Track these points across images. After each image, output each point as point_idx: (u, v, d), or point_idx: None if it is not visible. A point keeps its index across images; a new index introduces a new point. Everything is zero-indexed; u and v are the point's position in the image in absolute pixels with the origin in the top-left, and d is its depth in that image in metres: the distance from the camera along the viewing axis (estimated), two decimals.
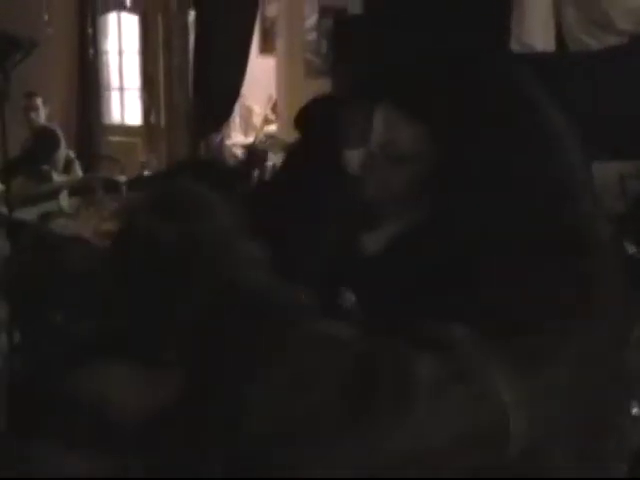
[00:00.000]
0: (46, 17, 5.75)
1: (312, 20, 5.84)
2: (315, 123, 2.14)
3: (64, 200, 4.53)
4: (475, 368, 0.80)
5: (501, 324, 0.83)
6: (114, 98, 7.96)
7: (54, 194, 4.62)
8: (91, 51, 7.57)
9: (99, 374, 3.75)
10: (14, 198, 3.98)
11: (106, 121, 7.91)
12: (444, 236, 0.95)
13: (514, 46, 4.97)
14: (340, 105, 2.18)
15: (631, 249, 3.45)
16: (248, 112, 8.11)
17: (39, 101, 5.68)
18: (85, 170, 6.01)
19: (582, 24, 4.81)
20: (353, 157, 2.04)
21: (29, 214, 4.36)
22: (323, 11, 5.81)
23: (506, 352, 0.82)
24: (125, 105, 7.90)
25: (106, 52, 7.84)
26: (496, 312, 0.84)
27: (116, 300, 0.98)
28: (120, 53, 7.79)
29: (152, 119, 7.44)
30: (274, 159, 5.72)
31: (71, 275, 3.92)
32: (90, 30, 7.56)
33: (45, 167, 5.24)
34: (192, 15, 6.60)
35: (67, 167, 5.69)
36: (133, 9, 7.52)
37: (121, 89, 7.89)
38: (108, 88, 7.93)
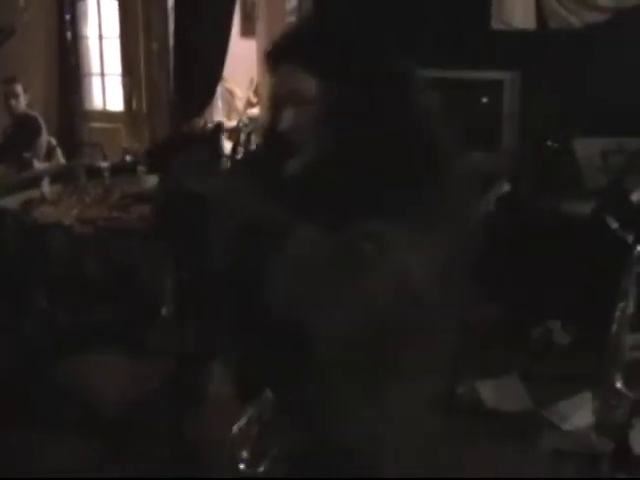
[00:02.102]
0: (22, 3, 5.69)
1: (292, 2, 5.81)
2: None
3: (46, 187, 4.50)
4: (394, 246, 1.28)
5: (394, 219, 1.28)
6: (95, 84, 7.91)
7: (36, 181, 4.59)
8: (69, 35, 7.49)
9: (85, 362, 3.73)
10: None
11: (88, 107, 7.86)
12: (344, 158, 1.36)
13: (495, 25, 4.97)
14: None
15: (613, 224, 3.46)
16: (230, 95, 8.07)
17: (19, 88, 5.62)
18: (67, 157, 5.97)
19: (563, 1, 4.80)
20: None
21: (11, 202, 4.33)
22: None
23: (409, 239, 1.29)
24: (106, 91, 7.85)
25: (86, 37, 7.78)
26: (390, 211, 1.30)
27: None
28: (100, 38, 7.73)
29: (134, 104, 7.40)
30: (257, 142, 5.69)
31: (54, 261, 3.91)
32: (69, 15, 7.47)
33: (26, 154, 5.20)
34: None
35: (49, 154, 5.65)
36: None
37: (102, 75, 7.84)
38: (89, 74, 7.87)
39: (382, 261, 1.28)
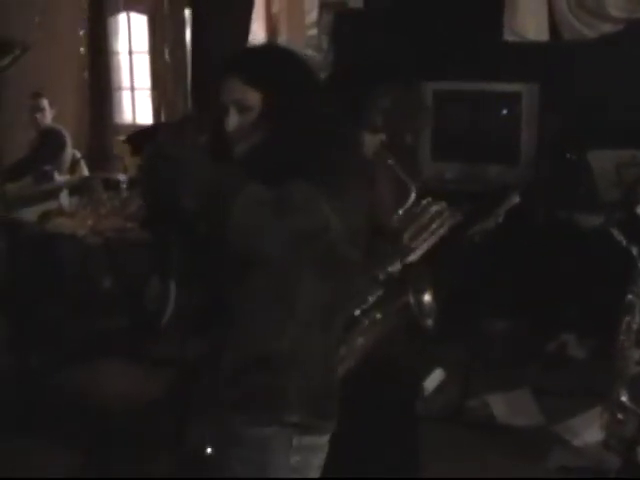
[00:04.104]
0: (37, 19, 5.81)
1: (312, 15, 5.85)
2: None
3: (64, 199, 4.59)
4: (312, 198, 1.63)
5: (318, 179, 1.68)
6: (125, 98, 8.03)
7: (54, 194, 4.68)
8: (99, 50, 7.61)
9: (93, 370, 3.82)
10: (15, 198, 4.04)
11: (118, 121, 7.97)
12: (274, 143, 1.79)
13: (507, 36, 4.95)
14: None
15: (619, 237, 3.42)
16: None
17: (45, 102, 5.72)
18: (95, 169, 6.06)
19: (575, 12, 4.76)
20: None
21: (29, 214, 4.42)
22: (323, 6, 5.82)
23: (325, 191, 1.65)
24: (136, 104, 7.97)
25: (117, 52, 7.91)
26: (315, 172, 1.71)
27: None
28: (130, 53, 7.85)
29: (162, 118, 7.49)
30: None
31: (65, 272, 4.00)
32: (100, 30, 7.60)
33: (48, 167, 5.29)
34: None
35: (73, 167, 5.74)
36: (141, 9, 7.57)
37: (132, 89, 7.96)
38: (119, 88, 7.99)
39: (309, 206, 1.64)
